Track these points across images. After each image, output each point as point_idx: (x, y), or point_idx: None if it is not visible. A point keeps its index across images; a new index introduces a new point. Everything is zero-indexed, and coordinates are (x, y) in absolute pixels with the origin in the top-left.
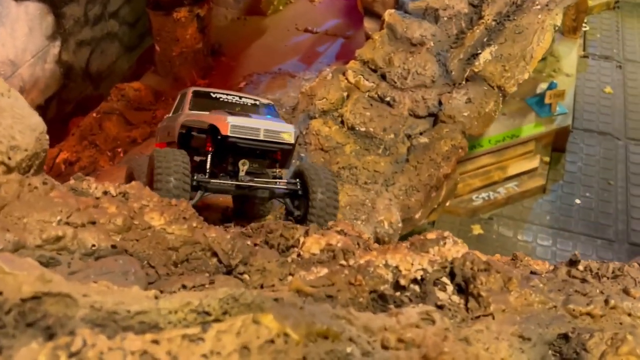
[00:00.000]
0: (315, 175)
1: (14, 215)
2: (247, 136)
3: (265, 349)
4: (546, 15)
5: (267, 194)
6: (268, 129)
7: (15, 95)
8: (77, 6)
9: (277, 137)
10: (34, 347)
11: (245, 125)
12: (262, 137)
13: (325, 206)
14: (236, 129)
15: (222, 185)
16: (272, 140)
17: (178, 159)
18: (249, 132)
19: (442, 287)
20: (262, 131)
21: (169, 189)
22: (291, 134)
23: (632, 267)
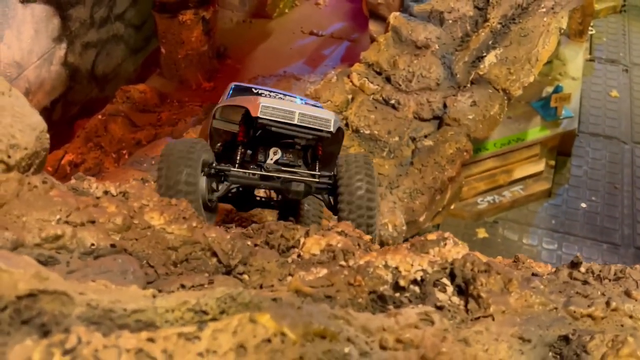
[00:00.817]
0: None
1: (13, 214)
2: (280, 119)
3: (262, 349)
4: (552, 18)
5: (302, 187)
6: (304, 113)
7: (15, 94)
8: (83, 8)
9: (315, 122)
10: (28, 344)
11: (278, 107)
12: (297, 121)
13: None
14: (268, 110)
15: (244, 175)
16: (308, 125)
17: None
18: (282, 114)
19: (442, 288)
20: (297, 114)
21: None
22: (331, 121)
23: (634, 270)
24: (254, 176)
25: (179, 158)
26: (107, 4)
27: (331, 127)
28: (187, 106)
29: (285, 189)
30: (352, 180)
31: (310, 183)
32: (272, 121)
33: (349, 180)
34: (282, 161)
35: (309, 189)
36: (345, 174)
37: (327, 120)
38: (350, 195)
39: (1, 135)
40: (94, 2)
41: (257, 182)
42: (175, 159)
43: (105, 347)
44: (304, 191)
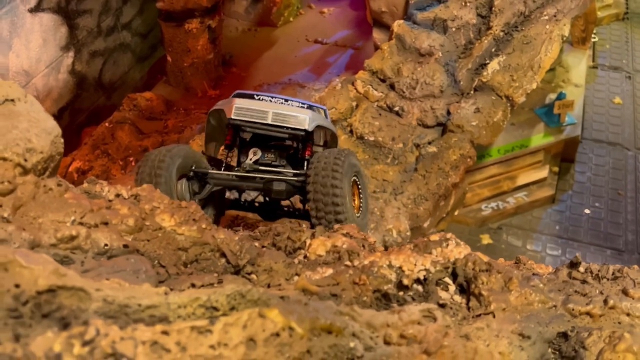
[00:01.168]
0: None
1: (30, 215)
2: (253, 119)
3: (271, 342)
4: (554, 25)
5: (284, 186)
6: (278, 112)
7: (31, 100)
8: (91, 17)
9: (288, 121)
10: (50, 335)
11: (251, 108)
12: (270, 121)
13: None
14: (241, 111)
15: (221, 175)
16: (282, 124)
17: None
18: (255, 114)
19: (444, 287)
20: (271, 114)
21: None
22: (305, 119)
23: (632, 269)
24: (234, 177)
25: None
26: (114, 13)
27: (305, 125)
28: (193, 113)
29: (267, 189)
30: (317, 177)
31: (293, 182)
32: (244, 121)
33: (315, 177)
34: (263, 161)
35: (292, 189)
36: (312, 170)
37: (302, 119)
38: (315, 193)
39: (18, 139)
40: (101, 11)
41: (237, 182)
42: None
43: (122, 339)
44: (285, 190)
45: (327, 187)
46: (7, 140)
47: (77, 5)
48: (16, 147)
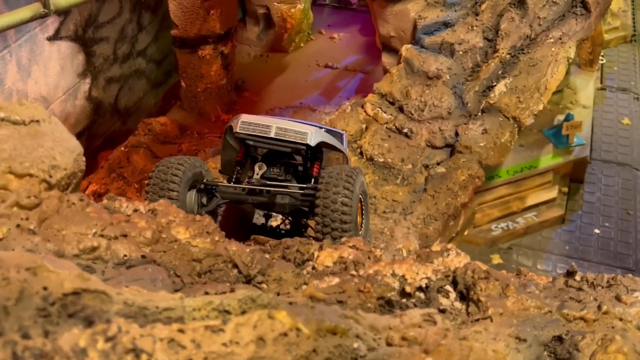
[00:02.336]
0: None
1: (54, 228)
2: (257, 133)
3: (279, 341)
4: (559, 48)
5: (287, 199)
6: (281, 127)
7: (55, 121)
8: (107, 45)
9: (292, 136)
10: (75, 332)
11: (256, 122)
12: (273, 135)
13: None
14: (245, 125)
15: (230, 189)
16: (285, 139)
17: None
18: (259, 128)
19: (445, 294)
20: (274, 128)
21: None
22: (308, 134)
23: (625, 277)
24: (241, 190)
25: (162, 178)
26: (130, 40)
27: (307, 139)
28: (206, 137)
29: (270, 202)
30: (328, 192)
31: (297, 197)
32: (248, 135)
33: (326, 193)
34: (268, 175)
35: (295, 202)
36: (323, 185)
37: (304, 134)
38: (324, 208)
39: (44, 157)
40: (117, 39)
41: (244, 196)
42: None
43: (141, 336)
44: (289, 204)
45: (337, 204)
46: (34, 157)
47: (94, 33)
48: (42, 164)
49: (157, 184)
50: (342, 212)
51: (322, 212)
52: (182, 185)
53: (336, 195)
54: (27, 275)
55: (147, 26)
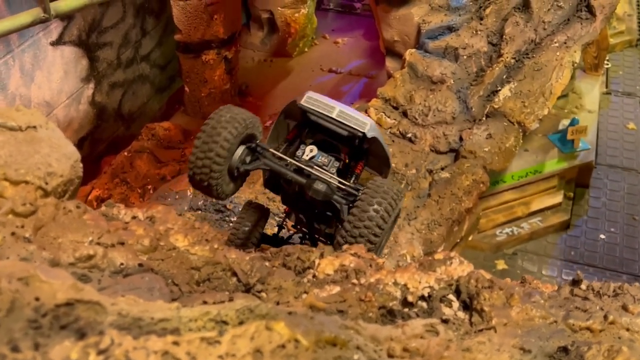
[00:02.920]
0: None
1: (50, 236)
2: (320, 110)
3: (277, 353)
4: (564, 52)
5: (324, 188)
6: (344, 110)
7: (52, 127)
8: (110, 50)
9: (351, 121)
10: (67, 345)
11: (321, 100)
12: (335, 116)
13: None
14: (311, 100)
15: (279, 162)
16: (344, 122)
17: (239, 114)
18: (323, 106)
19: (448, 304)
20: (337, 110)
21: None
22: (367, 124)
23: (633, 286)
24: (286, 164)
25: (230, 117)
26: (133, 45)
27: (365, 128)
28: None
29: (307, 186)
30: (372, 200)
31: (334, 189)
32: (311, 109)
33: (370, 200)
34: (315, 161)
35: (330, 194)
36: (369, 192)
37: (364, 123)
38: (363, 212)
39: (40, 163)
40: (121, 44)
41: (286, 170)
42: (217, 120)
43: (135, 349)
44: (323, 192)
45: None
46: (30, 164)
47: (97, 38)
48: (38, 171)
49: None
50: (377, 225)
51: (359, 217)
52: (236, 137)
53: (378, 207)
54: (19, 285)
55: (150, 31)
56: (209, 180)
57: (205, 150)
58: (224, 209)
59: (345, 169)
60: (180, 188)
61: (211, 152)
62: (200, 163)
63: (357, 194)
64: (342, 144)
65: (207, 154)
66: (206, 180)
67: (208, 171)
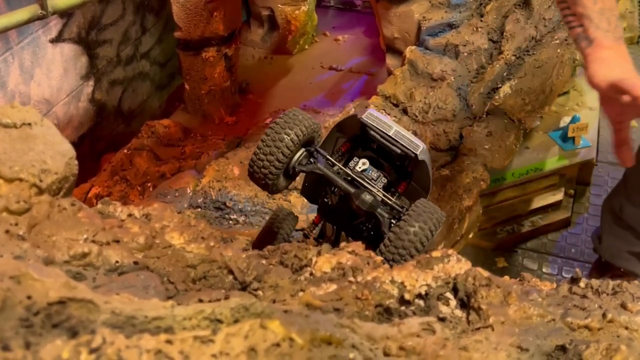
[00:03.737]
0: (421, 210)
1: (44, 233)
2: (379, 126)
3: (272, 352)
4: (565, 49)
5: (370, 199)
6: (400, 132)
7: (47, 124)
8: (110, 47)
9: (405, 141)
10: (58, 343)
11: (381, 118)
12: (392, 134)
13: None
14: (372, 117)
15: (334, 169)
16: (399, 141)
17: (306, 118)
18: (382, 123)
19: (445, 302)
20: (394, 129)
21: (274, 134)
22: (420, 147)
23: (631, 284)
24: (341, 172)
25: (295, 123)
26: (133, 43)
27: (418, 151)
28: (210, 140)
29: (355, 195)
30: (415, 223)
31: (379, 201)
32: (370, 125)
33: (413, 222)
34: (366, 174)
35: (375, 206)
36: (414, 214)
37: (417, 146)
38: (406, 234)
39: (34, 161)
40: (121, 41)
41: (337, 177)
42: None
43: (127, 348)
44: (369, 204)
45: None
46: (24, 161)
47: (97, 35)
48: (32, 168)
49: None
50: (415, 248)
51: (399, 236)
52: (298, 144)
53: (421, 230)
54: (10, 284)
55: (150, 28)
56: (266, 180)
57: (267, 153)
58: (223, 206)
59: (390, 186)
60: (180, 185)
61: (272, 155)
62: (261, 163)
63: (401, 210)
64: (390, 163)
65: (269, 157)
66: (264, 179)
67: (267, 172)
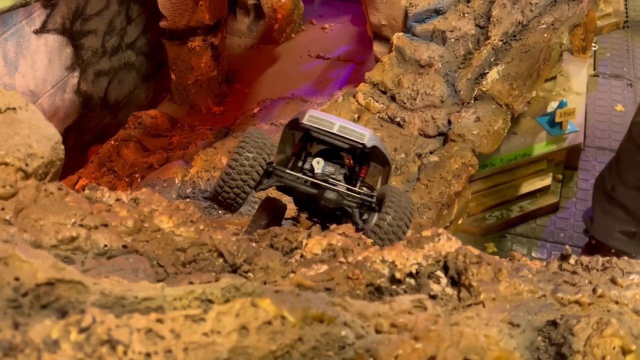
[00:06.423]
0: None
1: (31, 218)
2: (321, 126)
3: (263, 330)
4: (552, 34)
5: (336, 196)
6: (344, 125)
7: (32, 108)
8: (95, 38)
9: (351, 134)
10: (47, 323)
11: (322, 117)
12: (336, 130)
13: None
14: (313, 118)
15: (297, 179)
16: (344, 136)
17: (264, 140)
18: (324, 122)
19: (436, 280)
20: (337, 125)
21: (243, 163)
22: (366, 135)
23: (621, 260)
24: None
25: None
26: (119, 33)
27: (365, 140)
28: (197, 130)
29: (319, 196)
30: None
31: (343, 194)
32: (313, 127)
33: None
34: (324, 171)
35: (340, 200)
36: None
37: (363, 135)
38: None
39: (19, 145)
40: (106, 32)
41: (298, 184)
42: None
43: (117, 327)
44: (335, 200)
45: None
46: (9, 146)
47: (81, 25)
48: (17, 152)
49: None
50: (398, 237)
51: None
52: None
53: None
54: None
55: (135, 18)
56: (235, 204)
57: (237, 179)
58: None
59: (351, 174)
60: (168, 176)
61: (244, 182)
62: (230, 190)
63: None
64: (346, 152)
65: (239, 183)
66: (233, 203)
67: (237, 197)
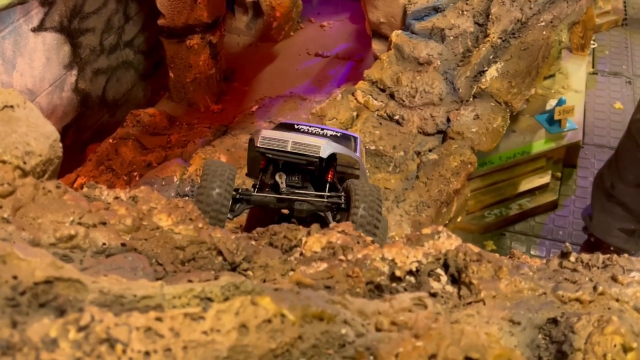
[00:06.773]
0: (360, 191)
1: (29, 216)
2: (275, 147)
3: (263, 328)
4: (551, 31)
5: (305, 205)
6: (297, 142)
7: (30, 106)
8: (93, 36)
9: (305, 149)
10: (46, 322)
11: (274, 137)
12: (290, 149)
13: (365, 223)
14: (265, 140)
15: (264, 198)
16: (300, 152)
17: (225, 171)
18: (277, 142)
19: (436, 278)
20: (290, 143)
21: (209, 202)
22: (321, 148)
23: (621, 257)
24: (272, 199)
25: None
26: (117, 31)
27: (319, 153)
28: (195, 128)
29: (289, 209)
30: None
31: (314, 202)
32: (268, 149)
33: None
34: (289, 184)
35: (311, 208)
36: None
37: (317, 147)
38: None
39: (17, 143)
40: (104, 30)
41: (273, 203)
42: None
43: (116, 325)
44: (305, 210)
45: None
46: (7, 143)
47: (79, 24)
48: (15, 150)
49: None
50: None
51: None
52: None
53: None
54: None
55: (134, 16)
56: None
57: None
58: None
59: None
60: (167, 174)
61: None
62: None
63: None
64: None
65: (210, 220)
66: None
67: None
